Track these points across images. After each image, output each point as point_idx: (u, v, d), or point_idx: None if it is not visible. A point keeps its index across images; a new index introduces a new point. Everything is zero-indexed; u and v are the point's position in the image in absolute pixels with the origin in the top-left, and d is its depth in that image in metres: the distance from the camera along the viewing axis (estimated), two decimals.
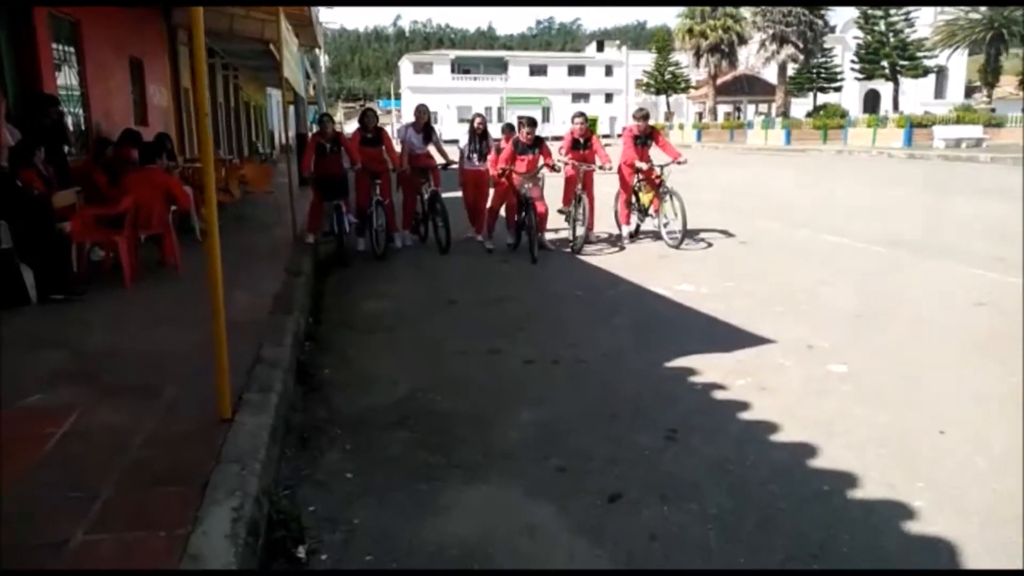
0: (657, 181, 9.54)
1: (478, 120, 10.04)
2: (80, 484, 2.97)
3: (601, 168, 9.36)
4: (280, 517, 3.03)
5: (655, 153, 9.83)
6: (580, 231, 9.27)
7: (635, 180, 9.78)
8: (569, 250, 9.17)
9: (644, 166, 9.60)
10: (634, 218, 10.04)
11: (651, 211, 9.76)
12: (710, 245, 9.51)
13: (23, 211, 5.90)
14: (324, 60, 35.89)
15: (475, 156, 9.90)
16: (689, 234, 9.38)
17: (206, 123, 3.42)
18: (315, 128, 11.10)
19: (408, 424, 4.07)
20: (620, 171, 9.83)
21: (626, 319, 6.25)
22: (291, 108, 17.52)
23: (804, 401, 4.33)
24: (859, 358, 5.05)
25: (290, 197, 9.80)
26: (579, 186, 9.26)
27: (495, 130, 10.57)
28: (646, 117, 9.94)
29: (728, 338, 5.56)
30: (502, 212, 9.71)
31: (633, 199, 9.92)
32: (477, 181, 9.99)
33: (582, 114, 9.87)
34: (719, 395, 4.44)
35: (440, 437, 3.89)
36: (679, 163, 9.42)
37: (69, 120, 9.22)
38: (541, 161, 9.17)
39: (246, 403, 3.79)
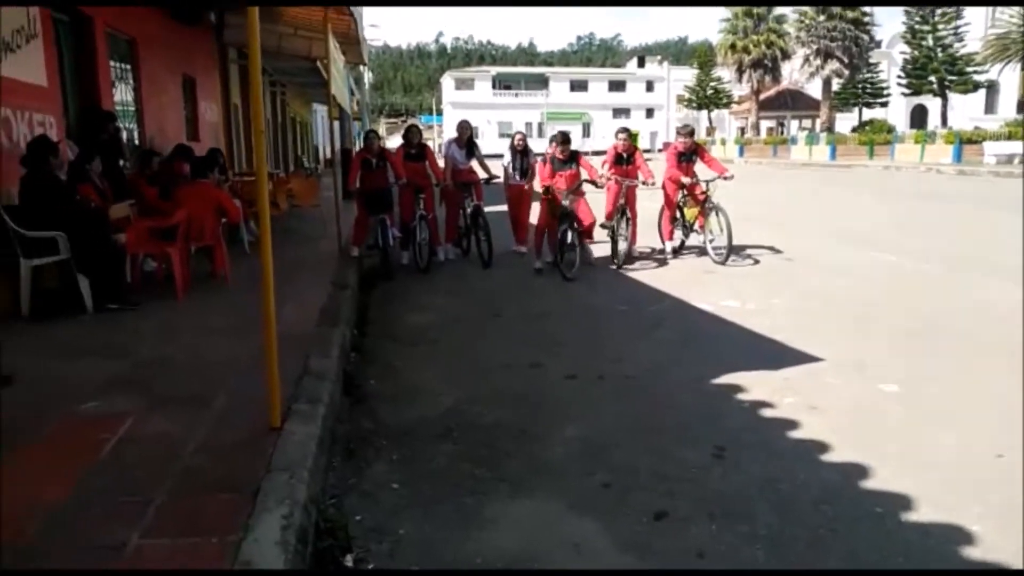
0: (702, 197, 9.46)
1: (518, 137, 10.12)
2: (135, 489, 3.04)
3: (644, 184, 9.32)
4: (328, 526, 3.06)
5: (700, 168, 9.75)
6: (623, 246, 9.24)
7: (679, 196, 9.71)
8: (612, 265, 9.13)
9: (688, 181, 9.51)
10: (678, 234, 9.94)
11: (696, 227, 9.70)
12: (757, 262, 9.39)
13: (81, 223, 6.09)
14: (368, 77, 36.45)
15: (516, 173, 9.98)
16: (735, 250, 9.28)
17: (261, 140, 3.50)
18: (361, 144, 11.27)
19: (453, 437, 4.09)
20: (664, 187, 9.78)
21: (670, 334, 6.20)
22: (336, 123, 17.79)
23: (855, 421, 4.25)
24: (911, 378, 4.94)
25: (336, 211, 9.95)
26: (621, 201, 9.23)
27: (538, 145, 10.64)
28: (691, 133, 9.88)
29: (775, 355, 5.48)
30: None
31: (677, 215, 9.83)
32: (518, 197, 10.09)
33: (625, 129, 9.86)
34: (767, 413, 4.37)
35: (485, 450, 3.90)
36: (725, 178, 9.34)
37: (124, 135, 9.52)
38: (584, 174, 9.10)
39: (295, 413, 3.84)
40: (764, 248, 10.17)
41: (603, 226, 9.52)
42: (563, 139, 9.13)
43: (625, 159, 9.48)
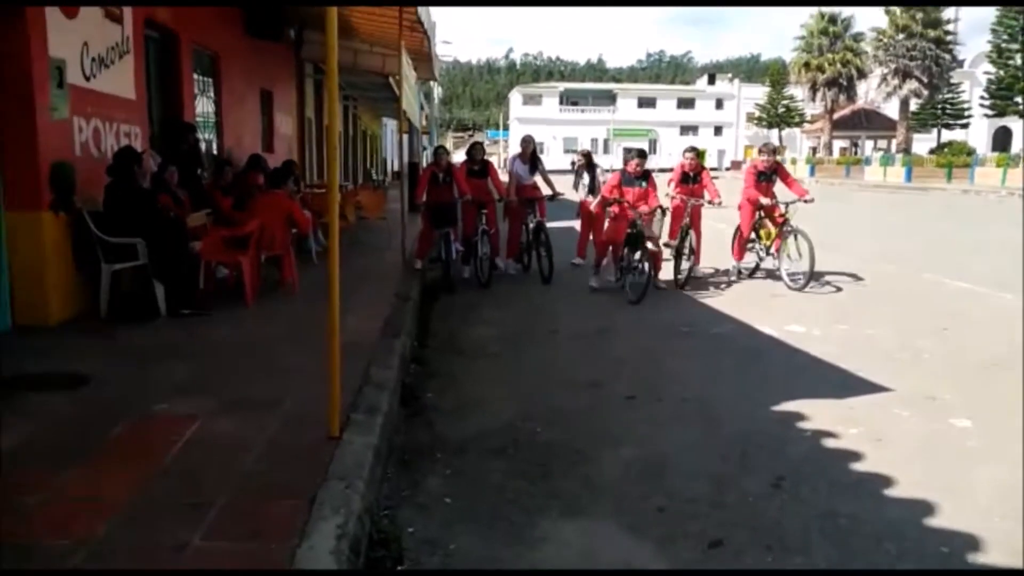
0: (781, 219, 9.14)
1: (579, 155, 10.57)
2: (198, 491, 3.14)
3: (710, 204, 9.19)
4: (380, 536, 3.11)
5: (779, 189, 9.44)
6: (685, 266, 9.14)
7: (756, 217, 9.44)
8: (675, 286, 9.03)
9: (767, 203, 9.18)
10: (752, 256, 9.68)
11: (771, 250, 9.35)
12: (839, 289, 9.06)
13: (160, 231, 6.35)
14: (438, 92, 37.04)
15: (582, 190, 10.14)
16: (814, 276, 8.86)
17: (335, 156, 3.61)
18: (430, 158, 11.47)
19: (508, 453, 4.10)
20: (741, 207, 9.56)
21: (732, 358, 6.10)
22: (405, 138, 18.16)
23: (923, 455, 4.10)
24: (985, 412, 4.74)
25: (401, 223, 10.13)
26: (686, 220, 9.13)
27: (602, 161, 10.81)
28: (773, 152, 9.55)
29: (840, 384, 5.33)
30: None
31: (752, 236, 9.55)
32: (586, 213, 10.25)
33: (693, 148, 9.80)
34: (829, 443, 4.26)
35: (539, 468, 3.90)
36: (805, 201, 9.01)
37: (203, 145, 9.90)
38: (658, 202, 8.77)
39: (353, 423, 3.91)
40: (833, 273, 9.87)
41: (666, 245, 9.43)
42: (640, 155, 8.91)
43: (692, 178, 9.39)
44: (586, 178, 10.39)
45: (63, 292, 6.07)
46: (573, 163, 10.45)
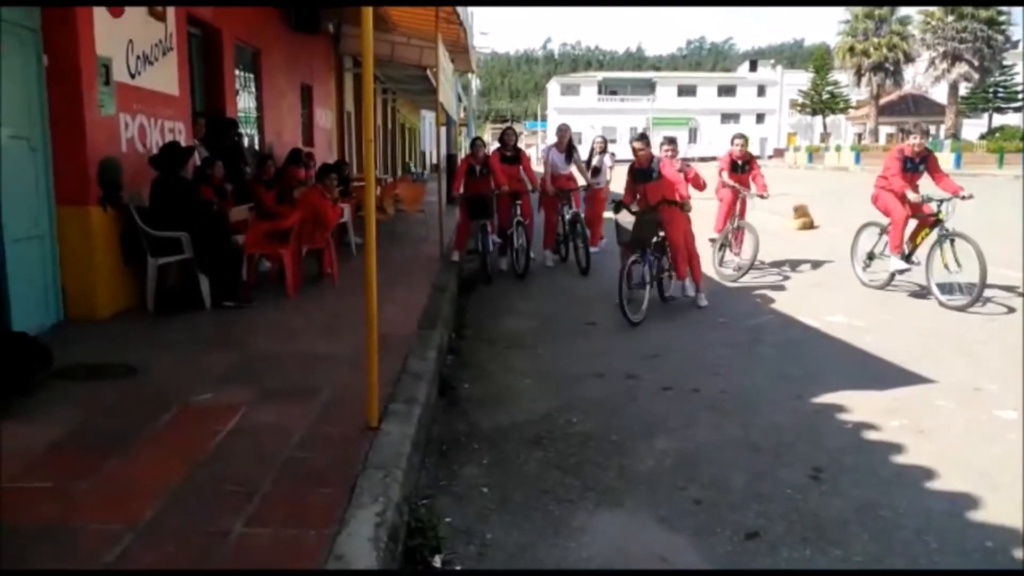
0: (932, 220, 7.64)
1: (598, 141, 10.83)
2: (242, 479, 3.22)
3: (760, 197, 8.92)
4: (418, 525, 3.16)
5: (925, 183, 7.99)
6: (731, 258, 9.01)
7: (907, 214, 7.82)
8: (716, 276, 8.94)
9: (916, 199, 7.56)
10: (895, 261, 7.87)
11: (913, 257, 7.90)
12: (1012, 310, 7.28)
13: (204, 225, 6.49)
14: (475, 83, 37.06)
15: (588, 173, 10.40)
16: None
17: (370, 150, 3.65)
18: (467, 150, 11.53)
19: (544, 443, 4.12)
20: (884, 201, 8.01)
21: (771, 349, 6.03)
22: (443, 129, 18.26)
23: (966, 448, 4.02)
24: None
25: (439, 215, 10.20)
26: (735, 220, 8.92)
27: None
28: (926, 133, 8.02)
29: (882, 375, 5.24)
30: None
31: (906, 239, 7.89)
32: (592, 198, 10.52)
33: (742, 135, 9.55)
34: (870, 435, 4.20)
35: (575, 459, 3.92)
36: (962, 198, 7.44)
37: (246, 140, 10.07)
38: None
39: (391, 413, 3.97)
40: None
41: (712, 240, 9.25)
42: (669, 141, 7.78)
43: (740, 167, 9.14)
44: (599, 160, 10.56)
45: (111, 286, 6.24)
46: (593, 148, 10.53)
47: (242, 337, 5.68)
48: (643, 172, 7.48)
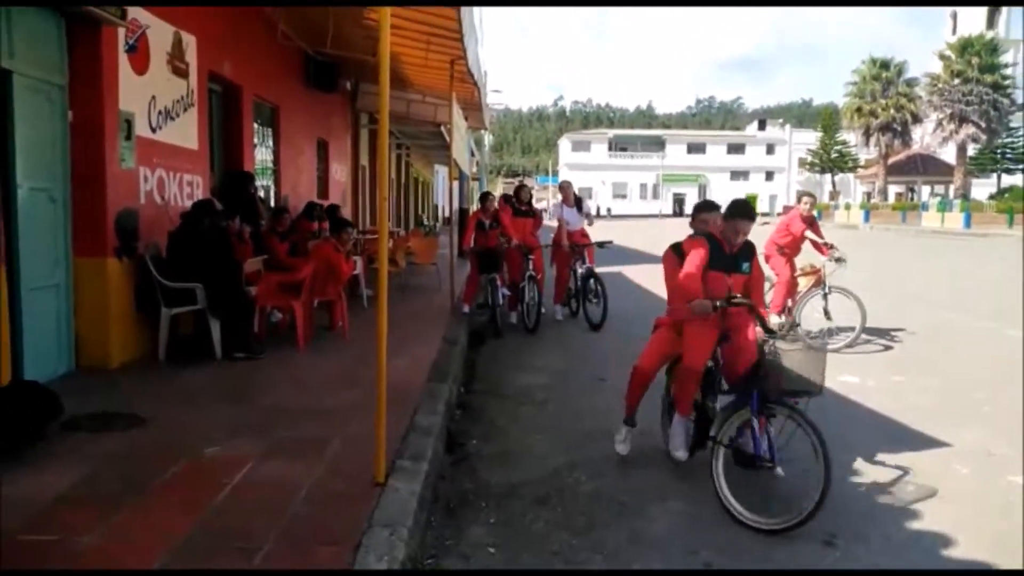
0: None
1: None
2: (246, 534, 3.19)
3: (839, 262, 8.14)
4: None
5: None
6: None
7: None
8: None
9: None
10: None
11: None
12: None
13: (218, 276, 6.55)
14: (488, 139, 37.66)
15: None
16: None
17: (384, 207, 3.73)
18: (477, 204, 11.66)
19: (552, 502, 4.07)
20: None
21: None
22: (455, 184, 18.54)
23: (982, 514, 3.94)
24: None
25: (450, 268, 10.26)
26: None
27: (652, 207, 10.68)
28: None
29: (896, 437, 5.17)
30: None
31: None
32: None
33: (810, 193, 8.82)
34: (885, 500, 4.13)
35: (584, 519, 3.86)
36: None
37: (261, 192, 10.23)
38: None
39: (399, 468, 3.94)
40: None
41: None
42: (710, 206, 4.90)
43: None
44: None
45: (124, 335, 6.29)
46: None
47: (252, 389, 5.69)
48: (729, 259, 4.45)
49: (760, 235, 8.44)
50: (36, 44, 5.44)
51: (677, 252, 4.63)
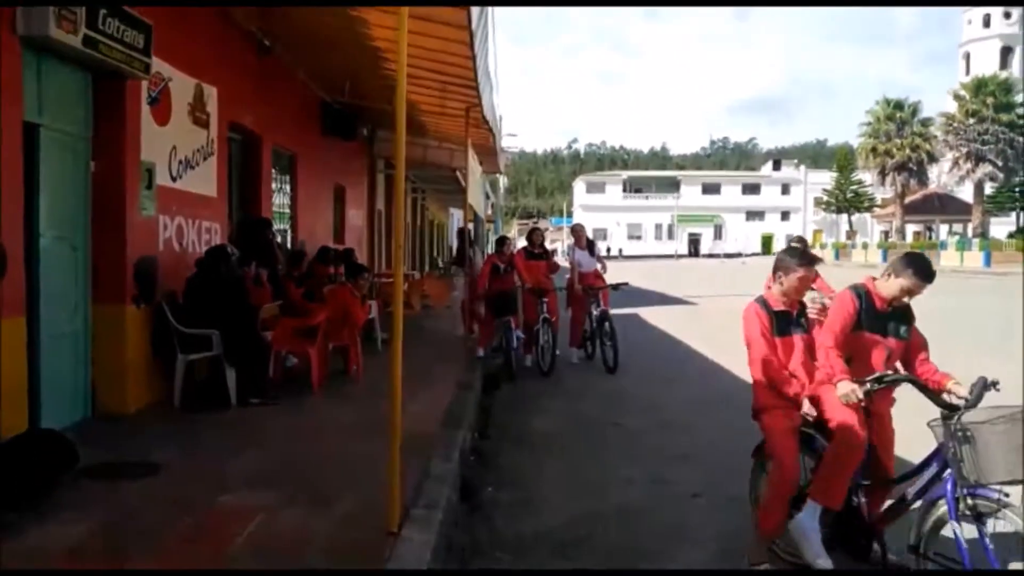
0: None
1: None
2: None
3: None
4: None
5: None
6: None
7: None
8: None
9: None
10: None
11: None
12: None
13: (235, 322, 6.59)
14: (503, 181, 38.01)
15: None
16: None
17: (400, 255, 3.75)
18: (492, 248, 11.72)
19: (568, 553, 4.01)
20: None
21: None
22: (470, 226, 18.70)
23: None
24: None
25: (465, 311, 10.27)
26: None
27: (667, 247, 10.72)
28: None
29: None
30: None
31: None
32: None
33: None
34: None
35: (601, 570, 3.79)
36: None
37: (278, 238, 10.34)
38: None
39: (413, 518, 3.90)
40: None
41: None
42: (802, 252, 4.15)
43: None
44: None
45: (140, 381, 6.31)
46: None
47: (266, 436, 5.67)
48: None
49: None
50: (64, 99, 5.59)
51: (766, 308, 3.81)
